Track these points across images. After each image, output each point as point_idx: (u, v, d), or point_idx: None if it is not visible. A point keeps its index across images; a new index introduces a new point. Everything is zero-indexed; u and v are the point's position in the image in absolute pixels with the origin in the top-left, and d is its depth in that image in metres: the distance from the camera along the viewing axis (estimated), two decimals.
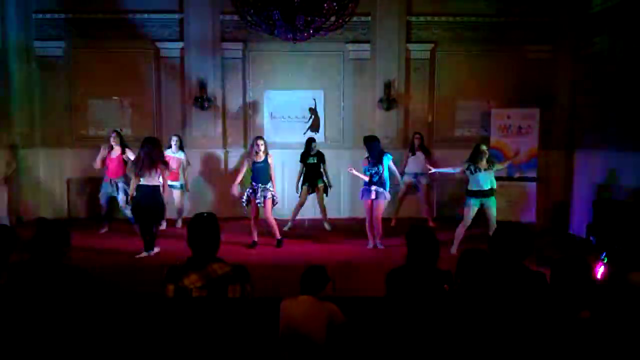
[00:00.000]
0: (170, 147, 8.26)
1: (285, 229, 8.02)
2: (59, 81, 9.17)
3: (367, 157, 7.05)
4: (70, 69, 9.21)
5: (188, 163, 8.54)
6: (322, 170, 8.26)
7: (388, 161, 7.00)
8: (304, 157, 8.28)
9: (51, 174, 9.23)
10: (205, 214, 3.07)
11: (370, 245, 7.15)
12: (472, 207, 6.66)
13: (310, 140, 8.31)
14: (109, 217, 8.16)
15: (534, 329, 2.65)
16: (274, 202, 7.12)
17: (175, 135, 8.45)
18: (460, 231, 6.76)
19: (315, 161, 8.23)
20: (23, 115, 8.82)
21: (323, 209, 8.41)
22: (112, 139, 7.87)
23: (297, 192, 8.33)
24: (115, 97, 9.30)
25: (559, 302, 2.79)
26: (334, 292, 3.42)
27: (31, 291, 2.66)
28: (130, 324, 2.83)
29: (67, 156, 9.23)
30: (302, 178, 8.26)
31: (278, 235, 7.23)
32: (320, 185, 8.25)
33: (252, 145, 7.18)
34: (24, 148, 8.74)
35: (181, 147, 8.40)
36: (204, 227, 2.93)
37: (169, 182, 7.32)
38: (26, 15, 8.94)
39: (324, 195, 8.34)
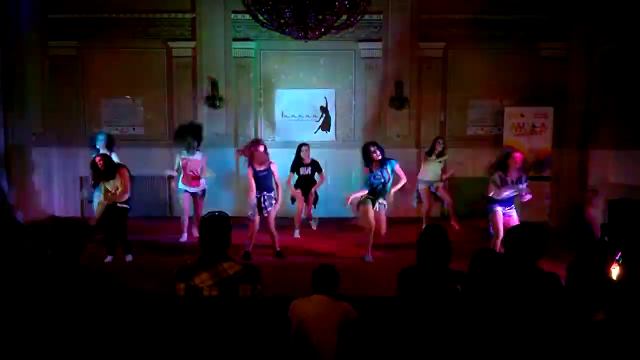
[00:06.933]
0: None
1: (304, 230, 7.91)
2: (73, 81, 9.24)
3: (370, 166, 6.34)
4: (84, 68, 9.29)
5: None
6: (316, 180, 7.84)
7: (393, 167, 6.36)
8: (295, 167, 7.76)
9: (64, 173, 9.30)
10: (216, 213, 3.04)
11: (370, 259, 6.47)
12: (499, 213, 6.04)
13: (302, 146, 7.79)
14: None
15: (547, 331, 2.61)
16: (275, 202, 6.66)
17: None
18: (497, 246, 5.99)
19: (309, 172, 7.74)
20: (37, 115, 8.89)
21: (306, 215, 8.00)
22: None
23: (292, 202, 7.88)
24: (128, 97, 9.37)
25: (574, 304, 2.75)
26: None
27: (46, 289, 2.67)
28: (141, 322, 2.84)
29: (80, 155, 9.29)
30: (294, 185, 7.81)
31: (277, 247, 6.74)
32: (312, 196, 7.90)
33: (251, 148, 6.56)
34: (38, 147, 8.82)
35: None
36: (215, 226, 2.92)
37: None
38: (41, 15, 9.02)
39: (314, 206, 8.03)
